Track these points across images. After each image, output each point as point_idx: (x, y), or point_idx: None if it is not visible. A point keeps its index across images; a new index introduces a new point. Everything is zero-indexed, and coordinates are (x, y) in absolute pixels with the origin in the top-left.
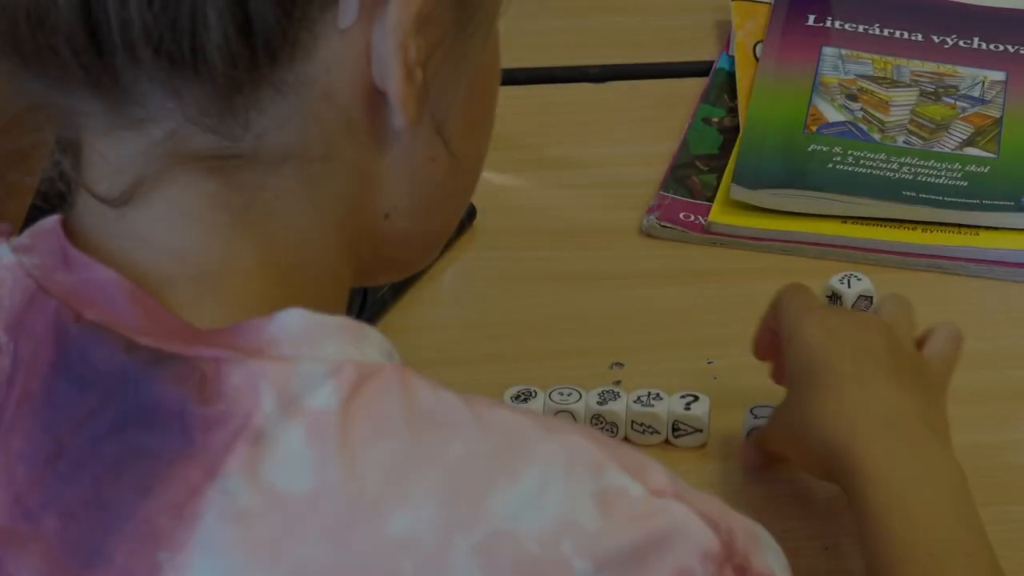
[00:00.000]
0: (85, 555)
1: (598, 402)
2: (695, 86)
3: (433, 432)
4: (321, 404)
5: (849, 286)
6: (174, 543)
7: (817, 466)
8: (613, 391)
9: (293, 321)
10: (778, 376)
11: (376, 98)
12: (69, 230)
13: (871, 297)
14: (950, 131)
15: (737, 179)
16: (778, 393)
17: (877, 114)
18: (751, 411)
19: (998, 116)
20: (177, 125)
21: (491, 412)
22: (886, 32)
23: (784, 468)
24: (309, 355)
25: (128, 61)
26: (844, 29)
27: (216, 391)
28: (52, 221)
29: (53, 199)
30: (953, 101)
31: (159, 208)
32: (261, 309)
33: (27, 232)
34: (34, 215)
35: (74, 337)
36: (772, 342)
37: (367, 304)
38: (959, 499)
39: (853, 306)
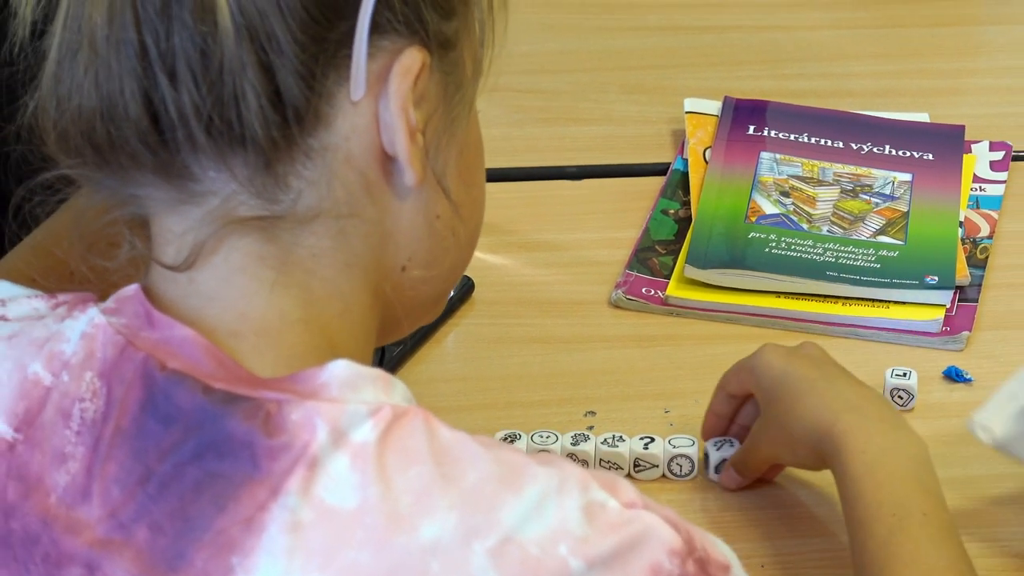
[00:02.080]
0: (171, 560)
1: (572, 443)
2: (655, 183)
3: (452, 463)
4: (362, 438)
5: None
6: (244, 550)
7: (807, 455)
8: (584, 434)
9: (340, 370)
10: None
11: (387, 162)
12: (147, 293)
13: None
14: (866, 222)
15: (690, 260)
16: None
17: (806, 208)
18: (713, 445)
19: (905, 210)
20: (229, 192)
21: (497, 448)
22: (813, 140)
23: (726, 498)
24: (353, 398)
25: (185, 139)
26: (778, 137)
27: (279, 426)
28: (133, 288)
29: None
30: (868, 197)
31: (220, 270)
32: (309, 359)
33: (112, 297)
34: None
35: (160, 382)
36: (716, 423)
37: (384, 361)
38: (919, 466)
39: None
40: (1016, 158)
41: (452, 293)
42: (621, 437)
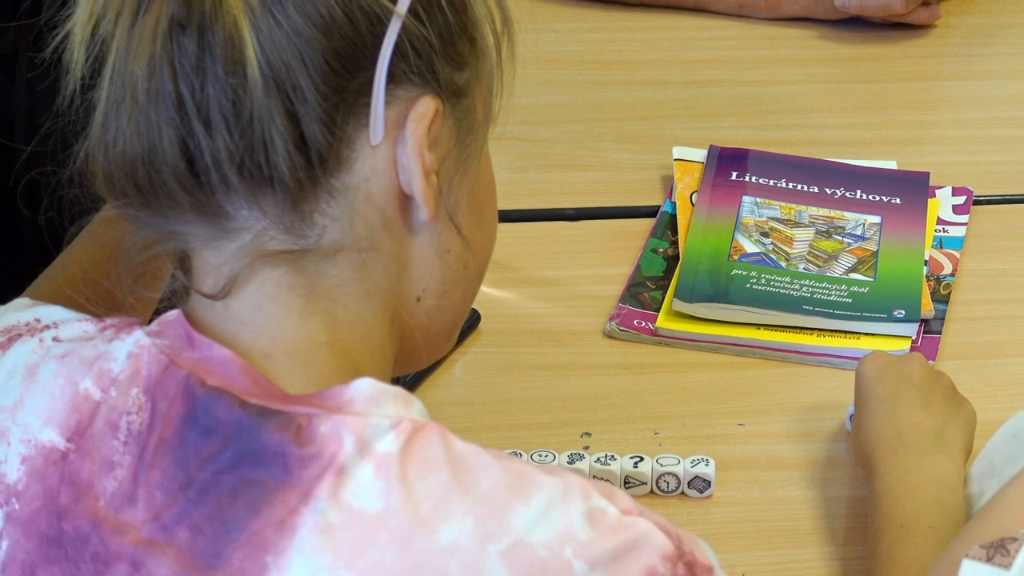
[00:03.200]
0: (209, 558)
1: (568, 462)
2: (646, 224)
3: (467, 472)
4: (385, 448)
5: None
6: (277, 549)
7: (860, 463)
8: (580, 453)
9: (364, 387)
10: None
11: (404, 200)
12: (187, 317)
13: None
14: (838, 260)
15: (678, 295)
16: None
17: (783, 247)
18: (690, 463)
19: (875, 250)
20: (260, 228)
21: (507, 459)
22: (790, 185)
23: (710, 513)
24: (376, 412)
25: (219, 181)
26: (758, 183)
27: (309, 437)
28: (174, 313)
29: None
30: (841, 238)
31: (254, 298)
32: (334, 377)
33: (155, 321)
34: None
35: (200, 397)
36: None
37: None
38: (940, 488)
39: None
40: (977, 202)
41: None
42: (613, 456)
